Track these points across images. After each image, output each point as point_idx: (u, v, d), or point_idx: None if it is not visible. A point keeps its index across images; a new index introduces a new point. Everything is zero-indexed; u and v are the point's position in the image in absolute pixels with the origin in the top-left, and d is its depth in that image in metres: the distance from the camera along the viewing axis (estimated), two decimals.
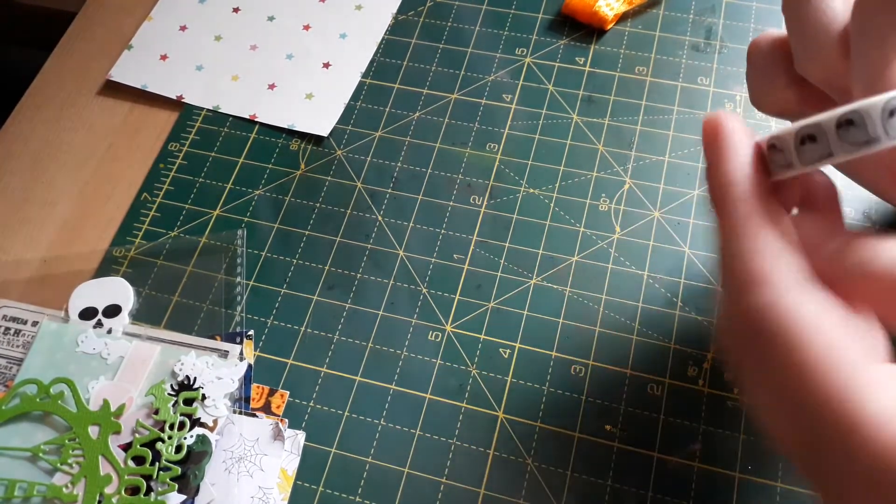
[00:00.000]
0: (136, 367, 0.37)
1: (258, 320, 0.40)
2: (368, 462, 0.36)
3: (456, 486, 0.35)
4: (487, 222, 0.42)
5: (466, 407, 0.37)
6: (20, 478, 0.35)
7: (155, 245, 0.43)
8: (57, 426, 0.36)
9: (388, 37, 0.49)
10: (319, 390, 0.38)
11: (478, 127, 0.45)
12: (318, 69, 0.48)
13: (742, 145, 0.23)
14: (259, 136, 0.46)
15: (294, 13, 0.51)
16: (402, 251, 0.42)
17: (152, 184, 0.45)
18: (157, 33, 0.51)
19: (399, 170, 0.44)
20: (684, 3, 0.48)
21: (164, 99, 0.48)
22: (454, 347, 0.39)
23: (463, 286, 0.40)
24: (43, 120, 0.48)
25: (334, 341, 0.39)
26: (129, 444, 0.35)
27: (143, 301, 0.41)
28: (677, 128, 0.44)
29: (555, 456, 0.35)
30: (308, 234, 0.43)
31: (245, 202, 0.44)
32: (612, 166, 0.43)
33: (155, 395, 0.36)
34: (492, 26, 0.49)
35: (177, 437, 0.35)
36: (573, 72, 0.47)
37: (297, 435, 0.37)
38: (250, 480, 0.35)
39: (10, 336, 0.39)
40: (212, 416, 0.36)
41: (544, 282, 0.40)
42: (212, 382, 0.37)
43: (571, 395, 0.37)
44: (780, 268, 0.21)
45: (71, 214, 0.45)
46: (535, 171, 0.43)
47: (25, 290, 0.42)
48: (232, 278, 0.41)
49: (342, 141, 0.46)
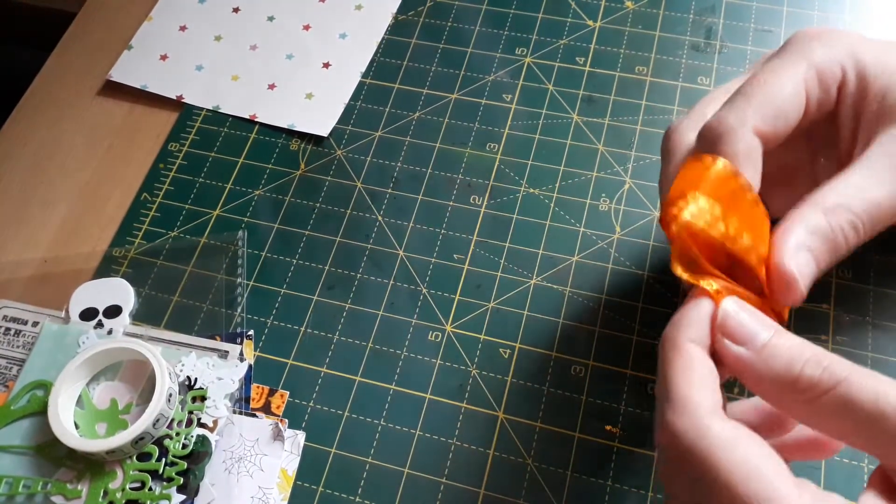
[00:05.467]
0: (136, 367, 0.37)
1: (258, 320, 0.40)
2: (368, 462, 0.36)
3: (456, 486, 0.35)
4: (487, 222, 0.42)
5: (466, 407, 0.37)
6: (25, 475, 0.35)
7: (155, 245, 0.43)
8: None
9: (388, 37, 0.49)
10: (319, 390, 0.38)
11: (478, 127, 0.45)
12: (318, 69, 0.48)
13: (695, 372, 0.25)
14: (259, 136, 0.46)
15: (294, 13, 0.51)
16: (402, 251, 0.42)
17: (152, 184, 0.45)
18: (157, 33, 0.51)
19: (399, 170, 0.44)
20: (684, 3, 0.48)
21: (164, 99, 0.48)
22: (454, 347, 0.39)
23: (463, 286, 0.40)
24: (43, 120, 0.48)
25: (334, 341, 0.39)
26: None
27: (144, 301, 0.41)
28: None
29: (555, 456, 0.35)
30: (308, 234, 0.43)
31: (245, 202, 0.44)
32: (612, 166, 0.43)
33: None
34: (492, 26, 0.49)
35: (184, 434, 0.35)
36: (573, 72, 0.47)
37: (297, 435, 0.37)
38: (250, 480, 0.35)
39: (10, 336, 0.39)
40: (212, 417, 0.36)
41: (544, 282, 0.40)
42: (212, 383, 0.37)
43: (571, 395, 0.37)
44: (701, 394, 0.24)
45: (71, 214, 0.45)
46: (535, 171, 0.43)
47: (25, 290, 0.42)
48: (232, 278, 0.41)
49: (342, 141, 0.46)
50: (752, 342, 0.25)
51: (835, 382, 0.23)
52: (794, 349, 0.24)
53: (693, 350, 0.25)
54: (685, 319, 0.26)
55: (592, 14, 0.49)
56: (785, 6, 0.47)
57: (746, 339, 0.25)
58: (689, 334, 0.25)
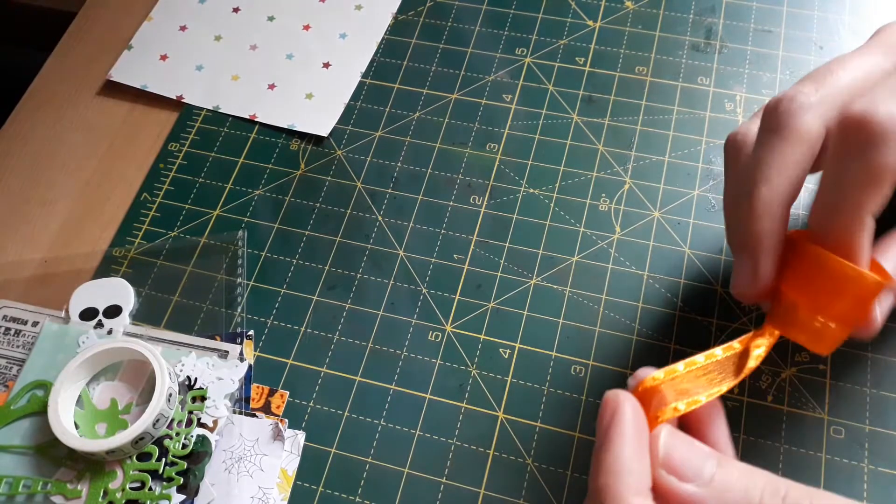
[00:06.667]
0: (136, 367, 0.37)
1: (258, 320, 0.40)
2: (368, 462, 0.36)
3: (456, 486, 0.35)
4: (487, 222, 0.42)
5: (466, 407, 0.37)
6: (25, 475, 0.35)
7: (155, 245, 0.43)
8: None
9: (388, 37, 0.49)
10: (319, 390, 0.38)
11: (478, 127, 0.45)
12: (318, 69, 0.48)
13: (630, 440, 0.23)
14: (259, 136, 0.46)
15: (294, 13, 0.51)
16: (402, 251, 0.42)
17: (152, 184, 0.45)
18: (157, 33, 0.51)
19: (399, 170, 0.44)
20: (684, 3, 0.48)
21: (164, 99, 0.48)
22: (454, 347, 0.39)
23: (463, 286, 0.40)
24: (43, 120, 0.48)
25: (334, 341, 0.39)
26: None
27: (144, 301, 0.41)
28: (677, 128, 0.44)
29: (555, 456, 0.35)
30: (308, 234, 0.43)
31: (245, 202, 0.44)
32: (612, 166, 0.43)
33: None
34: (492, 26, 0.49)
35: (184, 434, 0.35)
36: (573, 72, 0.47)
37: (297, 435, 0.37)
38: (250, 481, 0.35)
39: (10, 336, 0.39)
40: (212, 417, 0.36)
41: (544, 282, 0.40)
42: (212, 383, 0.37)
43: (571, 395, 0.37)
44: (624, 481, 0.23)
45: (71, 214, 0.45)
46: (535, 171, 0.43)
47: (25, 290, 0.42)
48: (232, 278, 0.41)
49: (342, 141, 0.46)
50: (700, 476, 0.23)
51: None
52: (745, 478, 0.23)
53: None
54: (621, 465, 0.23)
55: (592, 14, 0.49)
56: (785, 6, 0.47)
57: (693, 475, 0.23)
58: (631, 485, 0.23)
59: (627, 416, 0.24)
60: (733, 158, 0.31)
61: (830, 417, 0.35)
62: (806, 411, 0.35)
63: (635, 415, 0.24)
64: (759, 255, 0.28)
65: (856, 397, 0.35)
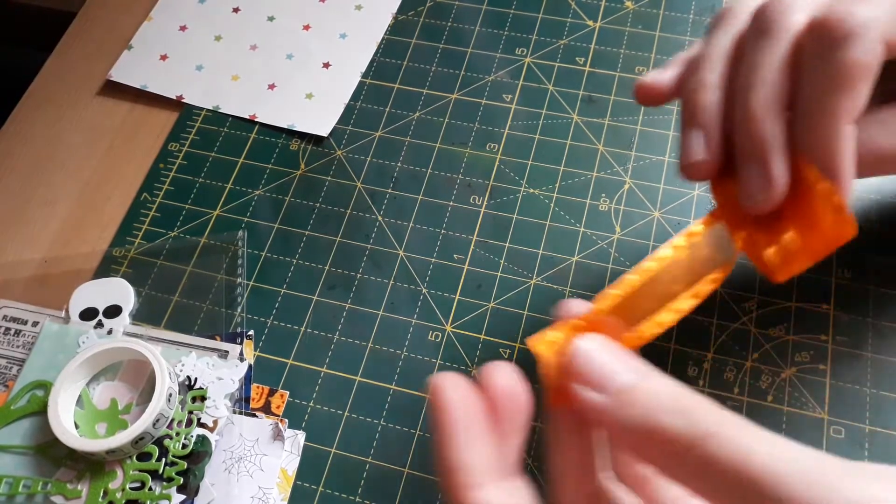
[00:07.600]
0: (136, 367, 0.37)
1: (258, 320, 0.40)
2: (368, 462, 0.36)
3: None
4: (487, 222, 0.42)
5: None
6: (25, 475, 0.35)
7: (155, 245, 0.43)
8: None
9: (388, 37, 0.49)
10: (319, 390, 0.38)
11: (478, 127, 0.45)
12: (318, 69, 0.48)
13: (458, 433, 0.22)
14: (259, 136, 0.46)
15: (294, 13, 0.51)
16: (402, 251, 0.42)
17: (152, 184, 0.45)
18: (157, 33, 0.51)
19: (399, 170, 0.44)
20: (684, 3, 0.48)
21: (163, 99, 0.48)
22: (454, 347, 0.39)
23: (463, 286, 0.40)
24: (43, 120, 0.48)
25: (334, 341, 0.39)
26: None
27: (144, 301, 0.41)
28: (677, 128, 0.43)
29: None
30: (308, 234, 0.43)
31: (245, 202, 0.44)
32: (612, 166, 0.43)
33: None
34: (492, 26, 0.49)
35: (184, 434, 0.35)
36: (573, 72, 0.47)
37: (296, 435, 0.37)
38: (250, 480, 0.35)
39: (10, 336, 0.39)
40: (212, 417, 0.36)
41: (544, 282, 0.40)
42: (212, 383, 0.37)
43: None
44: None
45: (71, 214, 0.45)
46: (535, 171, 0.43)
47: (25, 290, 0.42)
48: (232, 278, 0.41)
49: (342, 141, 0.46)
50: (608, 387, 0.21)
51: (700, 436, 0.18)
52: (657, 395, 0.20)
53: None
54: (452, 462, 0.22)
55: (592, 14, 0.49)
56: None
57: (602, 384, 0.21)
58: (466, 481, 0.22)
59: (448, 405, 0.23)
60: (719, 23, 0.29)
61: (830, 417, 0.35)
62: (806, 411, 0.35)
63: (461, 400, 0.23)
64: (771, 159, 0.26)
65: (856, 397, 0.35)
